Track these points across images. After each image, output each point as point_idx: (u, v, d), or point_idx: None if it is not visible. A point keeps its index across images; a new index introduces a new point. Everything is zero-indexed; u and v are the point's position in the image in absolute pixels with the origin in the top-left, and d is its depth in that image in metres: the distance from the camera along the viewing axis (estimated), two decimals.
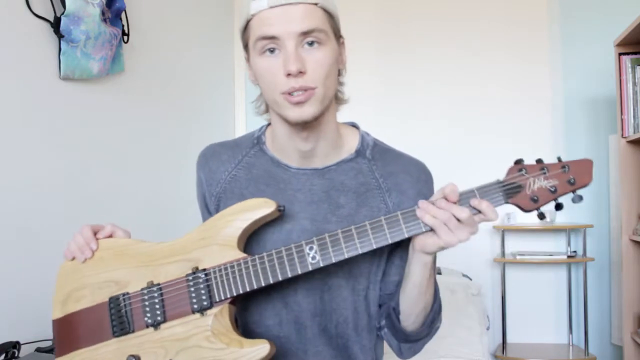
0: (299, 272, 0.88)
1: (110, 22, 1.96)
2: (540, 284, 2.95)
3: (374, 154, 1.02)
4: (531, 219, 2.92)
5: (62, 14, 1.73)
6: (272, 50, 0.88)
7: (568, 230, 2.84)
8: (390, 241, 0.86)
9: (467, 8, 3.05)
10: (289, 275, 0.88)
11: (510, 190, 0.86)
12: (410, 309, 0.98)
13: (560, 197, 0.86)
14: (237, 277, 0.90)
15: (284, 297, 0.98)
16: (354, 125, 1.07)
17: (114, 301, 0.96)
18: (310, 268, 0.87)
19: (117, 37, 1.99)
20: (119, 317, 0.95)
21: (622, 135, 2.33)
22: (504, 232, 2.84)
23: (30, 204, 1.70)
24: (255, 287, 0.89)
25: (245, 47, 0.95)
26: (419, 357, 1.79)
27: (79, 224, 1.87)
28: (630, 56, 2.31)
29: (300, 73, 0.86)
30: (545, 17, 2.97)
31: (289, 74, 0.86)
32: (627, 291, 2.35)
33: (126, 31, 2.10)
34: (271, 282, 0.88)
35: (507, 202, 0.86)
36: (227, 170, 1.04)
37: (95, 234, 1.01)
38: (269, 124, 1.06)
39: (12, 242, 1.62)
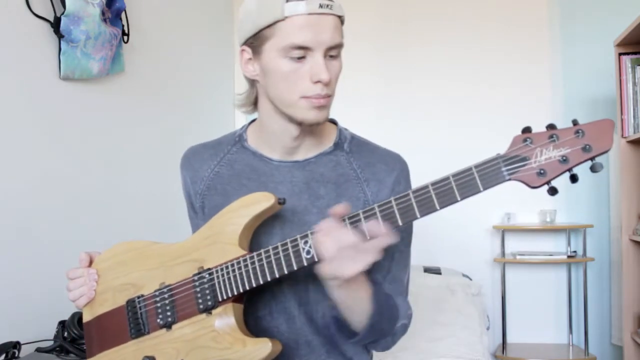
0: (295, 268, 0.87)
1: (110, 22, 1.96)
2: (540, 284, 2.94)
3: (352, 147, 1.05)
4: (531, 218, 2.93)
5: (62, 14, 1.73)
6: (300, 56, 0.89)
7: (568, 230, 2.84)
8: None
9: (467, 8, 3.05)
10: (285, 272, 0.87)
11: (512, 164, 0.75)
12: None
13: (574, 167, 0.74)
14: (237, 276, 0.90)
15: (271, 287, 0.99)
16: (332, 121, 1.09)
17: (130, 304, 0.99)
18: (305, 263, 0.86)
19: (117, 37, 1.99)
20: (135, 319, 0.98)
21: (622, 135, 2.33)
22: (504, 232, 2.83)
23: (30, 204, 1.70)
24: (254, 285, 0.89)
25: (253, 41, 0.92)
26: (419, 357, 1.79)
27: (79, 224, 1.88)
28: (630, 56, 2.31)
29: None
30: (545, 17, 2.97)
31: (318, 82, 0.89)
32: (627, 291, 2.35)
33: (126, 31, 2.10)
34: (269, 279, 0.88)
35: (510, 179, 0.76)
36: (210, 168, 1.07)
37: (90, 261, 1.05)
38: (250, 122, 1.09)
39: (12, 242, 1.62)
